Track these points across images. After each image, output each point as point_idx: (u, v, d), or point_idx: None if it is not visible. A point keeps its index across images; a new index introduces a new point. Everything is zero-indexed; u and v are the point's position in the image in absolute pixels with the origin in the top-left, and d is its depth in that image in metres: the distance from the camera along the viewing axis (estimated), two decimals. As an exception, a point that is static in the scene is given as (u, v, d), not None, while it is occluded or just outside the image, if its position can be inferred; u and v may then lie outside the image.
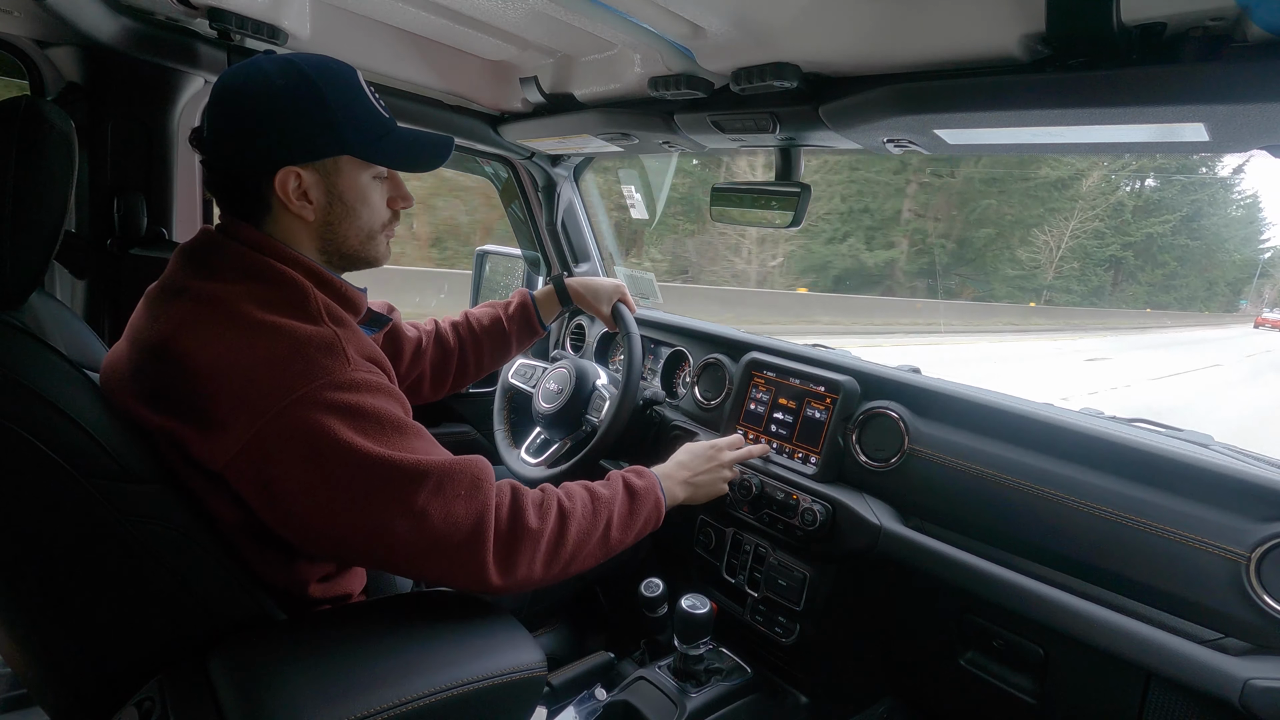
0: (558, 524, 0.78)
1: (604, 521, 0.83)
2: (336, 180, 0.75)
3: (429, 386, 1.20)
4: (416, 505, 0.66)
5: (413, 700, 0.61)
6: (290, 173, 0.72)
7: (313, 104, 0.71)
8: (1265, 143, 0.70)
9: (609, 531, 0.84)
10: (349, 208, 0.77)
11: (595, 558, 0.83)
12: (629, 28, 0.94)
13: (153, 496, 0.63)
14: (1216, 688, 0.71)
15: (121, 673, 0.65)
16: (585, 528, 0.80)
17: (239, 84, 0.71)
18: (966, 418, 1.05)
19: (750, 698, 1.17)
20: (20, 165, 0.61)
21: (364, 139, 0.75)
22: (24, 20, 0.99)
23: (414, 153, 0.80)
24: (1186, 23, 0.61)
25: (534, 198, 1.76)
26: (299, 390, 0.64)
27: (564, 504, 0.80)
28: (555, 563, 0.77)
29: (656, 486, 0.94)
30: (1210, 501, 0.80)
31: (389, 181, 0.81)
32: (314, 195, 0.74)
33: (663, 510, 0.93)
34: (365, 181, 0.77)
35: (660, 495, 0.93)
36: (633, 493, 0.90)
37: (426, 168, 0.81)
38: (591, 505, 0.83)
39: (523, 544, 0.73)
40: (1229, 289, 28.51)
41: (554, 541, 0.76)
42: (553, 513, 0.78)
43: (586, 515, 0.81)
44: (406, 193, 0.83)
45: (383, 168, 0.79)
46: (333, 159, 0.74)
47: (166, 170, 1.16)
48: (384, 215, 0.82)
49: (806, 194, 1.10)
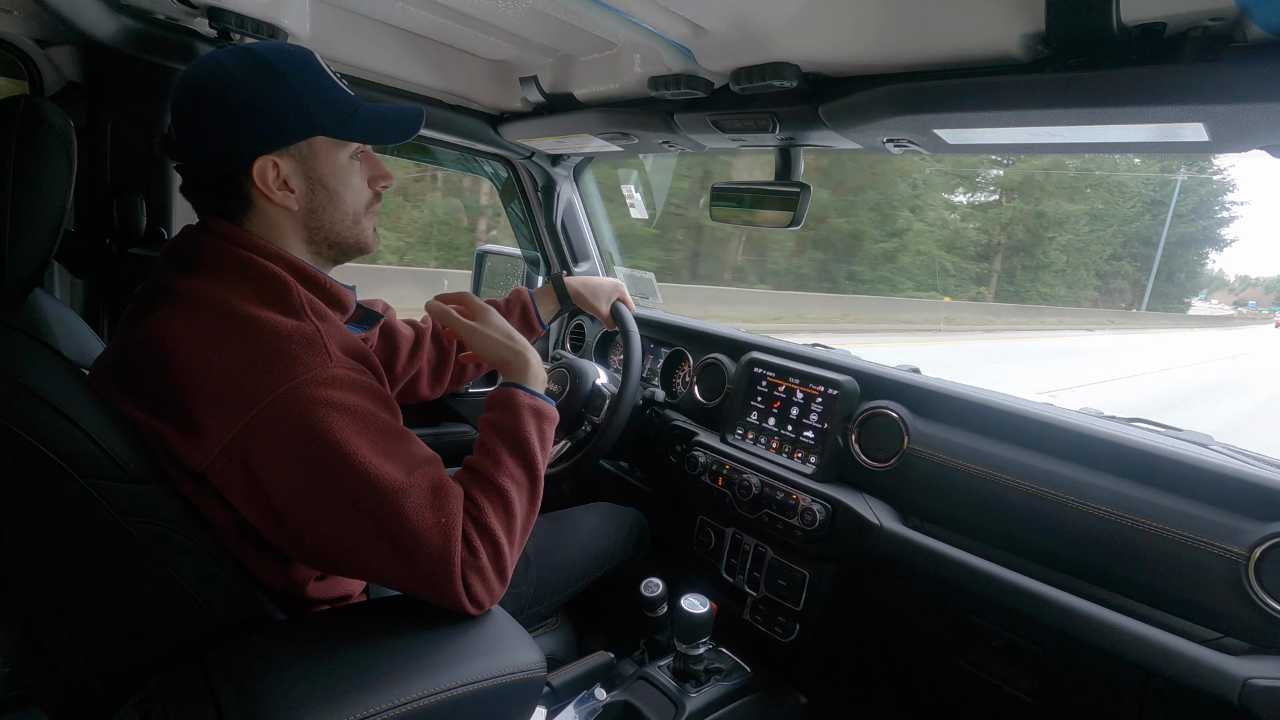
0: (482, 538, 0.70)
1: (510, 488, 0.74)
2: (315, 164, 0.74)
3: (427, 384, 1.19)
4: (390, 521, 0.64)
5: (412, 701, 0.61)
6: (267, 162, 0.71)
7: (277, 88, 0.70)
8: (1265, 143, 0.70)
9: (520, 488, 0.75)
10: (332, 191, 0.76)
11: (532, 512, 0.77)
12: (629, 27, 0.94)
13: (151, 497, 0.63)
14: (1216, 687, 0.71)
15: (121, 673, 0.65)
16: (500, 515, 0.72)
17: (199, 81, 0.70)
18: (966, 417, 1.05)
19: (750, 698, 1.17)
20: (20, 165, 0.61)
21: (334, 117, 0.74)
22: (24, 20, 0.99)
23: (385, 125, 0.78)
24: (1186, 23, 0.61)
25: (534, 197, 1.76)
26: (280, 386, 0.63)
27: (471, 512, 0.71)
28: (504, 568, 0.71)
29: (522, 396, 0.81)
30: (1210, 501, 0.81)
31: (366, 161, 0.80)
32: (295, 183, 0.73)
33: (547, 406, 0.83)
34: (344, 162, 0.77)
35: (534, 399, 0.82)
36: (507, 433, 0.78)
37: (399, 139, 0.80)
38: (489, 485, 0.74)
39: (470, 579, 0.69)
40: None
41: (493, 557, 0.70)
42: (474, 534, 0.70)
43: (493, 502, 0.73)
44: (385, 171, 0.82)
45: (358, 146, 0.78)
46: (307, 142, 0.73)
47: (166, 170, 1.16)
48: (366, 196, 0.81)
49: (806, 194, 1.10)
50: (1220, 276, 53.01)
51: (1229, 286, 52.41)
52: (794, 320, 11.17)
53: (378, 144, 0.79)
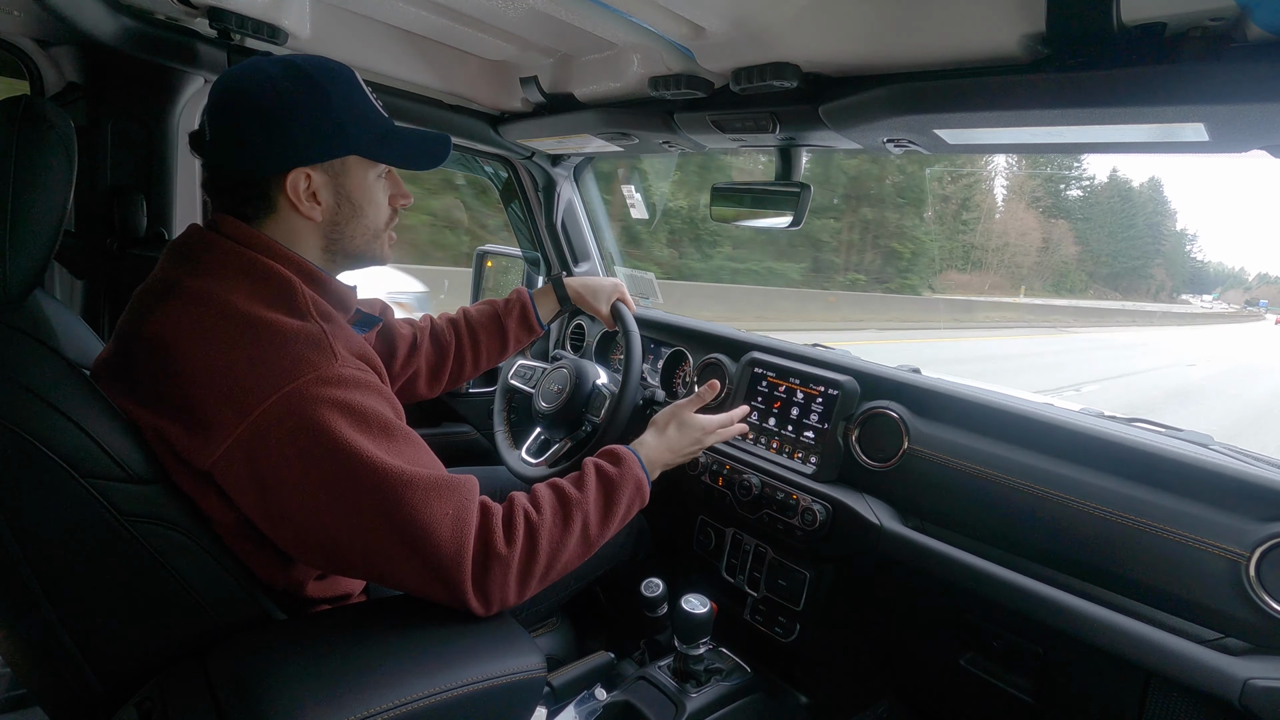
0: (526, 543, 0.72)
1: (579, 524, 0.78)
2: (345, 180, 0.76)
3: (424, 383, 1.20)
4: (399, 514, 0.65)
5: (411, 701, 0.61)
6: (301, 174, 0.72)
7: (320, 105, 0.71)
8: (1265, 143, 0.70)
9: (586, 531, 0.79)
10: (356, 207, 0.78)
11: (577, 558, 0.79)
12: (629, 27, 0.94)
13: (152, 497, 0.63)
14: (1216, 688, 0.71)
15: (121, 673, 0.65)
16: (557, 537, 0.76)
17: (242, 86, 0.71)
18: (966, 417, 1.05)
19: (750, 698, 1.17)
20: (20, 165, 0.61)
21: (370, 139, 0.76)
22: (24, 20, 0.99)
23: (417, 151, 0.80)
24: (1186, 23, 0.61)
25: (534, 198, 1.76)
26: (285, 386, 0.63)
27: (531, 517, 0.74)
28: (529, 582, 0.73)
29: (636, 467, 0.88)
30: (1210, 501, 0.80)
31: (389, 180, 0.82)
32: (323, 196, 0.75)
33: (646, 491, 0.89)
34: (371, 181, 0.78)
35: (642, 475, 0.89)
36: (608, 483, 0.85)
37: (429, 166, 0.82)
38: (562, 511, 0.78)
39: (493, 571, 0.69)
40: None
41: (524, 562, 0.72)
42: (520, 531, 0.72)
43: (557, 524, 0.76)
44: (405, 191, 0.83)
45: (384, 166, 0.79)
46: (340, 159, 0.75)
47: (166, 170, 1.16)
48: (387, 213, 0.82)
49: (806, 193, 1.10)
50: (1238, 275, 52.68)
51: (1245, 285, 52.17)
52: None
53: (406, 168, 0.81)
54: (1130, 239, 49.80)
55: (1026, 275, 16.95)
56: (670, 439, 1.01)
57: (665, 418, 1.03)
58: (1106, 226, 45.96)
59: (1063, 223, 39.88)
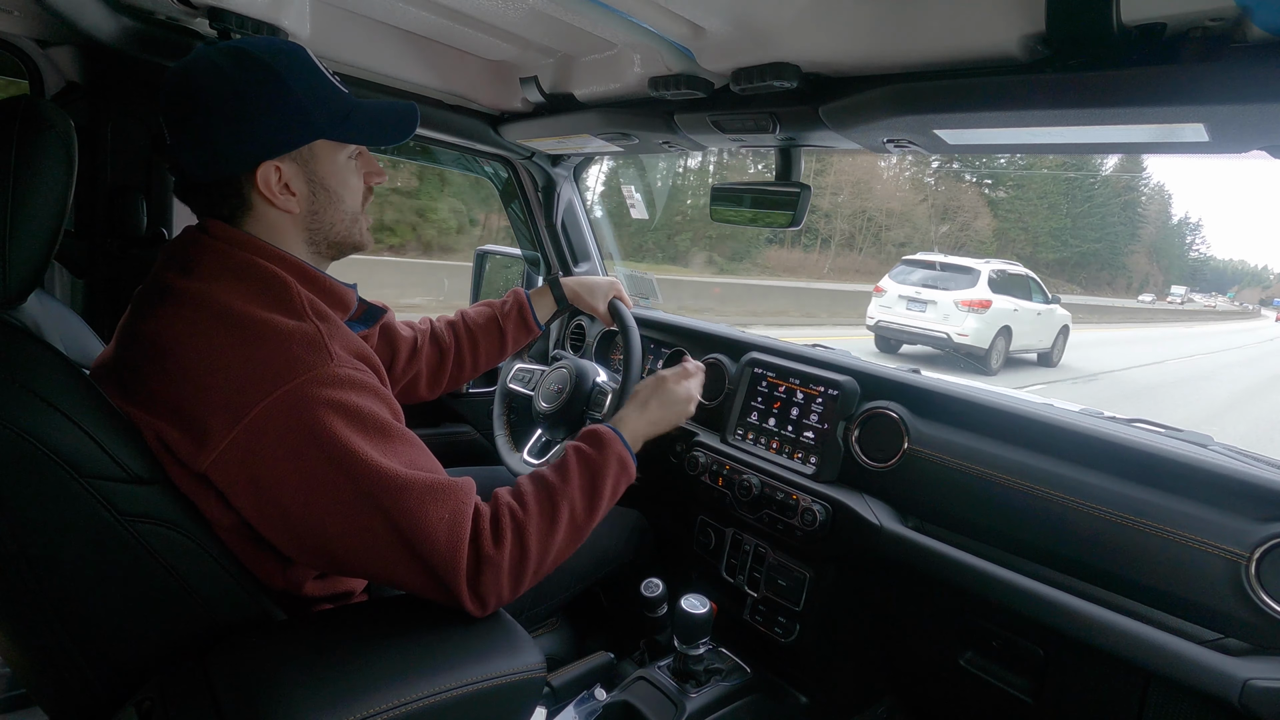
0: (514, 540, 0.71)
1: (565, 513, 0.77)
2: (316, 167, 0.74)
3: (425, 385, 1.20)
4: (395, 517, 0.64)
5: (411, 701, 0.61)
6: (270, 167, 0.71)
7: (280, 93, 0.69)
8: (1265, 143, 0.70)
9: (574, 518, 0.78)
10: (332, 193, 0.76)
11: (569, 545, 0.78)
12: (629, 28, 0.94)
13: (152, 497, 0.63)
14: (1216, 688, 0.71)
15: (121, 673, 0.65)
16: (544, 529, 0.74)
17: (196, 84, 0.68)
18: (966, 418, 1.05)
19: (750, 698, 1.17)
20: (20, 165, 0.61)
21: (333, 119, 0.73)
22: (24, 20, 0.99)
23: (383, 125, 0.78)
24: (1186, 23, 0.61)
25: (534, 198, 1.76)
26: (282, 386, 0.63)
27: (516, 514, 0.73)
28: (522, 578, 0.72)
29: (618, 444, 0.86)
30: (1210, 502, 0.81)
31: (361, 159, 0.80)
32: (296, 186, 0.73)
33: (632, 468, 0.87)
34: (342, 163, 0.77)
35: (625, 452, 0.86)
36: (591, 466, 0.82)
37: (398, 140, 0.80)
38: (547, 501, 0.77)
39: (485, 573, 0.69)
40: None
41: (515, 560, 0.71)
42: (507, 529, 0.71)
43: (544, 516, 0.75)
44: (379, 168, 0.82)
45: (354, 146, 0.77)
46: (308, 146, 0.73)
47: (166, 170, 1.16)
48: (362, 194, 0.81)
49: (806, 194, 1.10)
50: (1259, 273, 51.45)
51: (1265, 284, 51.31)
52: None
53: (377, 145, 0.79)
54: (1086, 216, 39.00)
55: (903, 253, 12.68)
56: (651, 413, 0.99)
57: (648, 390, 1.02)
58: (1048, 198, 35.95)
59: (971, 188, 31.34)
